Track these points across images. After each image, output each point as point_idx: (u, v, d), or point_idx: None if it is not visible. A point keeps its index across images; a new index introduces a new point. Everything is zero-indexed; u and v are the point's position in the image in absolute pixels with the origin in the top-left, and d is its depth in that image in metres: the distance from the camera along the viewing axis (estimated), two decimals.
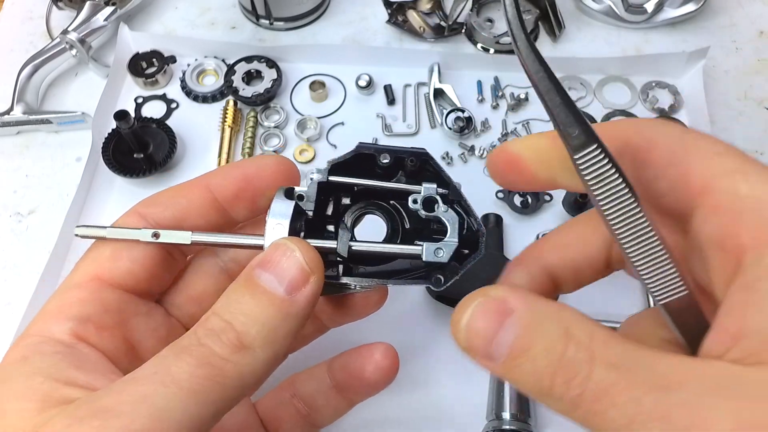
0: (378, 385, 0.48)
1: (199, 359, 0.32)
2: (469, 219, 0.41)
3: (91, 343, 0.36)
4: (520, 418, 0.59)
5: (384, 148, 0.41)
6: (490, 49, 0.89)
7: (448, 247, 0.38)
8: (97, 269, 0.39)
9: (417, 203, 0.40)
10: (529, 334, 0.29)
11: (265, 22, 0.91)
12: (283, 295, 0.34)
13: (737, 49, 0.91)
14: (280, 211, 0.38)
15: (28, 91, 0.82)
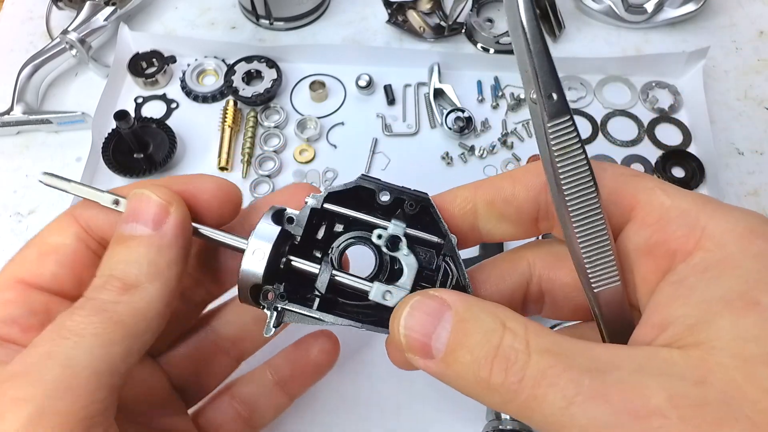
0: (323, 368, 0.51)
1: (91, 310, 0.33)
2: (459, 275, 0.39)
3: (18, 344, 0.36)
4: None
5: (385, 186, 0.40)
6: (490, 49, 0.89)
7: (398, 292, 0.36)
8: (23, 272, 0.39)
9: (381, 239, 0.38)
10: (465, 327, 0.31)
11: (265, 22, 0.91)
12: (148, 232, 0.36)
13: (737, 49, 0.91)
14: (264, 233, 0.37)
15: (28, 91, 0.82)
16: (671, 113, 0.84)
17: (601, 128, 0.83)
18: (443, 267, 0.40)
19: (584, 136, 0.82)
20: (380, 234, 0.38)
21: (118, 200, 0.39)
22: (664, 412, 0.26)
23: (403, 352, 0.33)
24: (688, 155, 0.79)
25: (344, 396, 0.64)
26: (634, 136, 0.82)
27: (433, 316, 0.31)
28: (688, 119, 0.83)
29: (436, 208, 0.39)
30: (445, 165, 0.79)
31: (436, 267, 0.40)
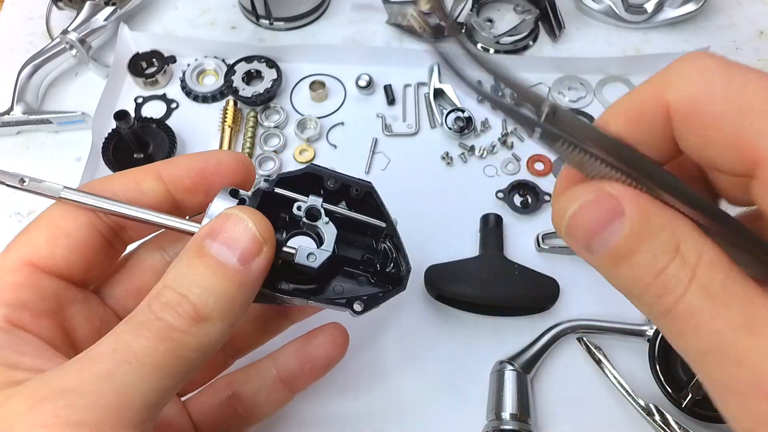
0: (333, 360, 0.49)
1: (159, 334, 0.31)
2: (399, 257, 0.43)
3: (28, 330, 0.35)
4: (520, 418, 0.59)
5: (332, 173, 0.43)
6: (490, 49, 0.89)
7: (321, 254, 0.39)
8: (31, 254, 0.37)
9: (300, 210, 0.41)
10: (635, 242, 0.28)
11: (265, 22, 0.91)
12: (236, 266, 0.34)
13: (737, 49, 0.91)
14: (220, 208, 0.38)
15: (28, 91, 0.82)
16: None
17: None
18: (383, 249, 0.43)
19: None
20: (300, 206, 0.41)
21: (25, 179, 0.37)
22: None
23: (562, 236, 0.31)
24: None
25: (341, 396, 0.64)
26: None
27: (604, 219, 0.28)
28: None
29: (378, 195, 0.43)
30: (445, 165, 0.79)
31: (376, 251, 0.44)
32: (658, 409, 0.59)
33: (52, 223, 0.38)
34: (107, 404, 0.29)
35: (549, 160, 0.79)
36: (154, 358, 0.31)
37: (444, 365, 0.65)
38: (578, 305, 0.69)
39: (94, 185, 0.40)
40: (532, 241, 0.73)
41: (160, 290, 0.33)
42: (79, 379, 0.29)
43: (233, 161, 0.42)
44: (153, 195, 0.41)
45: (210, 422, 0.48)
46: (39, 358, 0.34)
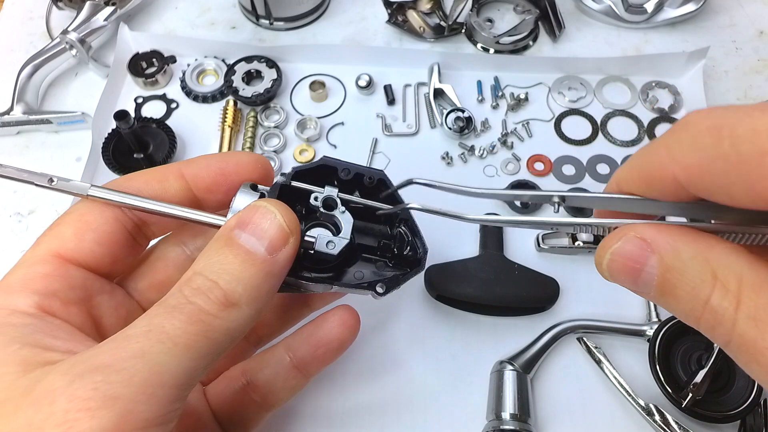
0: (345, 343, 0.49)
1: (190, 316, 0.33)
2: (415, 240, 0.44)
3: (59, 317, 0.36)
4: (520, 418, 0.59)
5: (345, 164, 0.44)
6: (490, 49, 0.89)
7: (339, 242, 0.41)
8: (60, 247, 0.39)
9: (317, 201, 0.42)
10: (672, 277, 0.28)
11: (265, 22, 0.91)
12: (264, 255, 0.36)
13: (737, 49, 0.91)
14: (244, 202, 0.40)
15: (28, 91, 0.82)
16: (671, 113, 0.84)
17: (601, 128, 0.83)
18: (398, 233, 0.45)
19: (584, 136, 0.82)
20: (316, 197, 0.43)
21: (53, 179, 0.39)
22: None
23: None
24: None
25: (341, 394, 0.64)
26: (634, 136, 0.82)
27: (636, 261, 0.30)
28: None
29: (390, 180, 0.44)
30: (445, 165, 0.79)
31: (392, 235, 0.45)
32: (658, 409, 0.59)
33: (80, 218, 0.40)
34: (141, 381, 0.30)
35: (549, 160, 0.79)
36: (186, 338, 0.32)
37: (444, 365, 0.65)
38: (578, 305, 0.69)
39: (119, 183, 0.42)
40: (532, 241, 0.73)
41: (190, 277, 0.35)
42: (115, 357, 0.31)
43: (252, 161, 0.44)
44: (175, 193, 0.42)
45: (227, 410, 0.49)
46: (71, 341, 0.35)
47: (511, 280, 0.65)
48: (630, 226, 0.31)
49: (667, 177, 0.29)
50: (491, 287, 0.64)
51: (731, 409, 0.59)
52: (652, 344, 0.62)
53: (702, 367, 0.59)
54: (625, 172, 0.33)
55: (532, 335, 0.65)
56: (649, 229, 0.30)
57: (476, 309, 0.67)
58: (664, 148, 0.30)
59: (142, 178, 0.43)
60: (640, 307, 0.68)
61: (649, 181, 0.31)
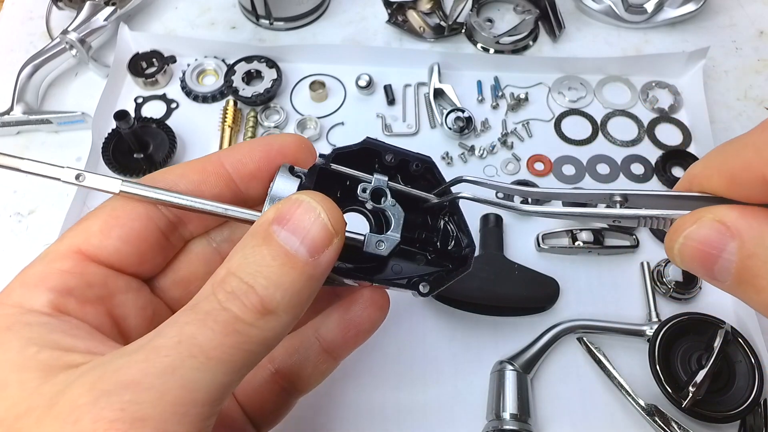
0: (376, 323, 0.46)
1: (225, 327, 0.30)
2: (460, 235, 0.40)
3: (75, 317, 0.34)
4: (520, 418, 0.59)
5: (390, 148, 0.40)
6: (490, 49, 0.89)
7: (389, 241, 0.38)
8: (83, 243, 0.36)
9: (366, 192, 0.39)
10: (752, 265, 0.26)
11: (265, 22, 0.91)
12: (306, 258, 0.32)
13: (737, 49, 0.91)
14: (284, 187, 0.37)
15: (28, 91, 0.82)
16: (671, 113, 0.84)
17: (601, 128, 0.83)
18: (442, 226, 0.41)
19: (584, 136, 0.82)
20: (365, 188, 0.39)
21: (81, 175, 0.36)
22: None
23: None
24: (688, 155, 0.79)
25: (341, 393, 0.64)
26: (634, 136, 0.82)
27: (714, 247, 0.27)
28: (688, 119, 0.83)
29: (438, 169, 0.40)
30: (445, 165, 0.79)
31: (434, 228, 0.41)
32: (658, 409, 0.59)
33: (110, 214, 0.38)
34: (172, 400, 0.28)
35: (549, 160, 0.79)
36: (220, 351, 0.29)
37: (444, 365, 0.65)
38: (578, 305, 0.69)
39: (154, 177, 0.39)
40: (532, 241, 0.73)
41: (224, 277, 0.32)
42: (144, 372, 0.28)
43: (296, 142, 0.41)
44: (214, 184, 0.40)
45: (256, 401, 0.47)
46: (91, 341, 0.33)
47: (511, 280, 0.65)
48: (707, 209, 0.28)
49: (756, 178, 0.27)
50: (491, 287, 0.64)
51: (731, 409, 0.59)
52: (652, 344, 0.62)
53: (702, 367, 0.59)
54: (702, 169, 0.30)
55: (532, 335, 0.65)
56: (731, 212, 0.27)
57: (476, 309, 0.67)
58: (752, 147, 0.27)
59: (179, 170, 0.40)
60: (640, 307, 0.68)
61: (732, 181, 0.29)
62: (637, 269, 0.71)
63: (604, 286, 0.70)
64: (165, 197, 0.37)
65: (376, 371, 0.65)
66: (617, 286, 0.70)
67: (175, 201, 0.37)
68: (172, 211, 0.39)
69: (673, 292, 0.68)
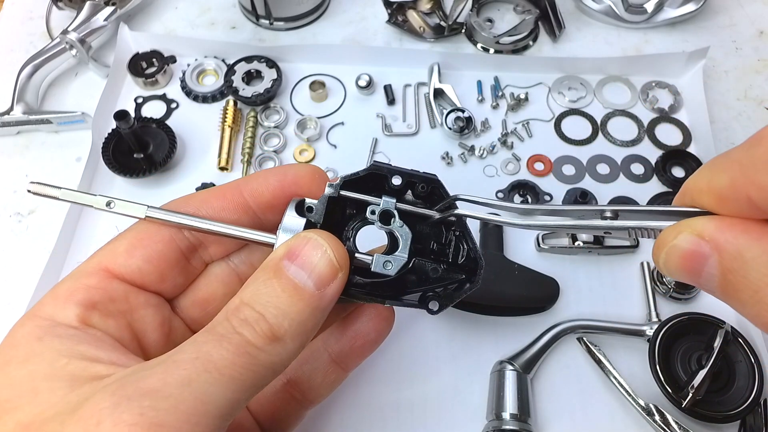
0: (382, 334, 0.49)
1: (238, 348, 0.33)
2: (470, 248, 0.42)
3: (99, 329, 0.37)
4: (520, 418, 0.59)
5: (397, 170, 0.42)
6: (490, 49, 0.89)
7: (396, 261, 0.40)
8: (109, 262, 0.40)
9: (374, 215, 0.41)
10: (733, 280, 0.27)
11: (265, 22, 0.91)
12: (312, 290, 0.35)
13: (737, 49, 0.91)
14: (291, 224, 0.39)
15: (28, 91, 0.82)
16: (671, 113, 0.84)
17: (601, 128, 0.83)
18: (454, 241, 0.42)
19: (584, 136, 0.82)
20: (373, 210, 0.41)
21: (111, 202, 0.39)
22: None
23: None
24: (688, 155, 0.79)
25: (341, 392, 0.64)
26: (634, 136, 0.82)
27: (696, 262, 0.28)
28: (688, 119, 0.83)
29: (445, 187, 0.42)
30: (445, 165, 0.79)
31: (446, 241, 0.42)
32: (658, 409, 0.59)
33: (135, 236, 0.41)
34: (187, 409, 0.30)
35: (549, 160, 0.79)
36: (232, 369, 0.32)
37: (444, 365, 0.65)
38: (578, 305, 0.69)
39: (177, 203, 0.42)
40: (532, 241, 0.73)
41: (238, 306, 0.35)
42: (163, 382, 0.31)
43: (309, 172, 0.44)
44: (234, 210, 0.43)
45: (269, 411, 0.49)
46: (114, 353, 0.35)
47: (511, 280, 0.65)
48: (688, 221, 0.29)
49: (741, 197, 0.27)
50: (491, 287, 0.64)
51: (731, 409, 0.59)
52: (652, 344, 0.62)
53: (702, 367, 0.59)
54: (694, 184, 0.31)
55: (532, 335, 0.65)
56: (709, 225, 0.28)
57: (476, 309, 0.67)
58: (738, 165, 0.27)
59: (200, 197, 0.43)
60: (640, 307, 0.68)
61: (720, 198, 0.29)
62: (637, 269, 0.71)
63: (604, 286, 0.70)
64: (187, 221, 0.40)
65: (376, 371, 0.65)
66: (617, 286, 0.70)
67: (196, 225, 0.40)
68: (194, 234, 0.43)
69: (673, 292, 0.68)
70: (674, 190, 0.77)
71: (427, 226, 0.43)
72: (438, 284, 0.41)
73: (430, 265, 0.42)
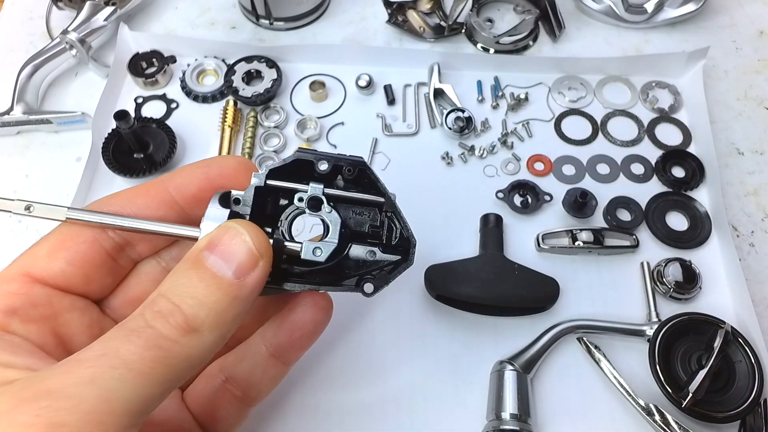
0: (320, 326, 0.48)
1: (148, 341, 0.32)
2: (402, 229, 0.42)
3: (18, 335, 0.36)
4: (520, 418, 0.59)
5: (323, 155, 0.42)
6: (490, 49, 0.89)
7: (326, 247, 0.40)
8: (30, 266, 0.39)
9: (302, 202, 0.41)
10: None
11: (265, 22, 0.91)
12: (231, 279, 0.35)
13: (737, 49, 0.91)
14: (214, 216, 0.39)
15: (28, 91, 0.82)
16: (671, 113, 0.84)
17: (601, 128, 0.83)
18: (386, 222, 0.43)
19: (584, 136, 0.82)
20: (301, 197, 0.41)
21: (30, 206, 0.39)
22: None
23: None
24: (688, 155, 0.79)
25: (342, 392, 0.64)
26: (634, 136, 0.82)
27: None
28: (688, 119, 0.83)
29: (372, 170, 0.42)
30: (445, 165, 0.79)
31: (380, 223, 0.43)
32: (658, 409, 0.59)
33: (57, 238, 0.40)
34: (89, 408, 0.29)
35: (549, 160, 0.79)
36: (140, 364, 0.31)
37: (444, 365, 0.65)
38: (578, 305, 0.69)
39: (101, 202, 0.42)
40: (532, 241, 0.73)
41: (154, 298, 0.34)
42: (64, 382, 0.30)
43: (234, 164, 0.43)
44: (158, 207, 0.42)
45: (209, 411, 0.48)
46: (30, 358, 0.35)
47: (511, 280, 0.65)
48: None
49: None
50: (491, 287, 0.64)
51: (731, 409, 0.59)
52: (652, 344, 0.62)
53: (702, 367, 0.59)
54: None
55: (532, 335, 0.65)
56: None
57: (476, 309, 0.67)
58: None
59: (124, 195, 0.42)
60: (640, 307, 0.68)
61: None
62: (637, 269, 0.71)
63: (604, 286, 0.70)
64: (109, 220, 0.40)
65: (376, 370, 0.65)
66: (617, 286, 0.70)
67: (118, 223, 0.40)
68: (120, 233, 0.42)
69: (673, 292, 0.68)
70: (674, 190, 0.77)
71: (359, 210, 0.43)
72: (375, 267, 0.42)
73: (366, 249, 0.42)
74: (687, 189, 0.77)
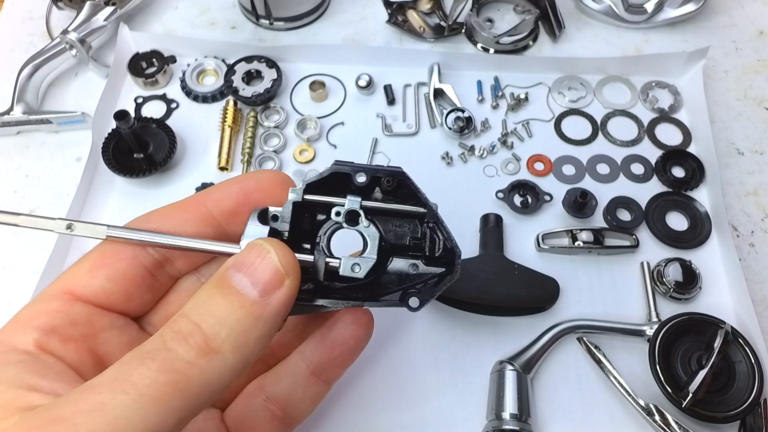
0: (361, 343, 0.47)
1: (163, 365, 0.30)
2: (446, 240, 0.41)
3: (56, 354, 0.36)
4: (520, 418, 0.59)
5: (360, 167, 0.40)
6: (490, 49, 0.89)
7: (365, 263, 0.38)
8: (71, 284, 0.39)
9: (339, 216, 0.40)
10: None
11: (265, 22, 0.91)
12: (255, 298, 0.33)
13: (737, 49, 0.91)
14: (254, 234, 0.38)
15: (28, 91, 0.82)
16: (671, 113, 0.84)
17: (601, 128, 0.83)
18: (428, 234, 0.41)
19: (584, 136, 0.82)
20: (338, 211, 0.40)
21: (71, 225, 0.38)
22: None
23: None
24: (688, 155, 0.79)
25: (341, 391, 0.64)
26: (634, 136, 0.82)
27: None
28: (688, 119, 0.83)
29: (412, 180, 0.40)
30: (445, 165, 0.79)
31: (421, 235, 0.41)
32: (658, 409, 0.59)
33: (98, 256, 0.40)
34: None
35: (549, 160, 0.79)
36: (153, 389, 0.29)
37: (444, 365, 0.65)
38: (578, 305, 0.69)
39: (139, 219, 0.41)
40: (532, 241, 0.73)
41: (175, 318, 0.33)
42: (74, 409, 0.29)
43: (271, 178, 0.43)
44: (196, 223, 0.41)
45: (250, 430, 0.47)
46: (58, 382, 0.34)
47: (511, 280, 0.65)
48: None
49: None
50: (491, 287, 0.64)
51: (731, 409, 0.59)
52: (652, 344, 0.62)
53: (702, 367, 0.59)
54: None
55: (532, 335, 0.65)
56: None
57: (476, 309, 0.67)
58: None
59: (162, 211, 0.42)
60: (640, 307, 0.68)
61: None
62: (637, 269, 0.71)
63: (604, 286, 0.70)
64: (148, 238, 0.39)
65: (376, 371, 0.65)
66: (617, 286, 0.70)
67: (158, 241, 0.39)
68: (159, 250, 0.41)
69: (673, 292, 0.68)
70: (674, 190, 0.77)
71: (399, 222, 0.41)
72: (418, 281, 0.40)
73: (408, 262, 0.41)
74: (687, 189, 0.77)
